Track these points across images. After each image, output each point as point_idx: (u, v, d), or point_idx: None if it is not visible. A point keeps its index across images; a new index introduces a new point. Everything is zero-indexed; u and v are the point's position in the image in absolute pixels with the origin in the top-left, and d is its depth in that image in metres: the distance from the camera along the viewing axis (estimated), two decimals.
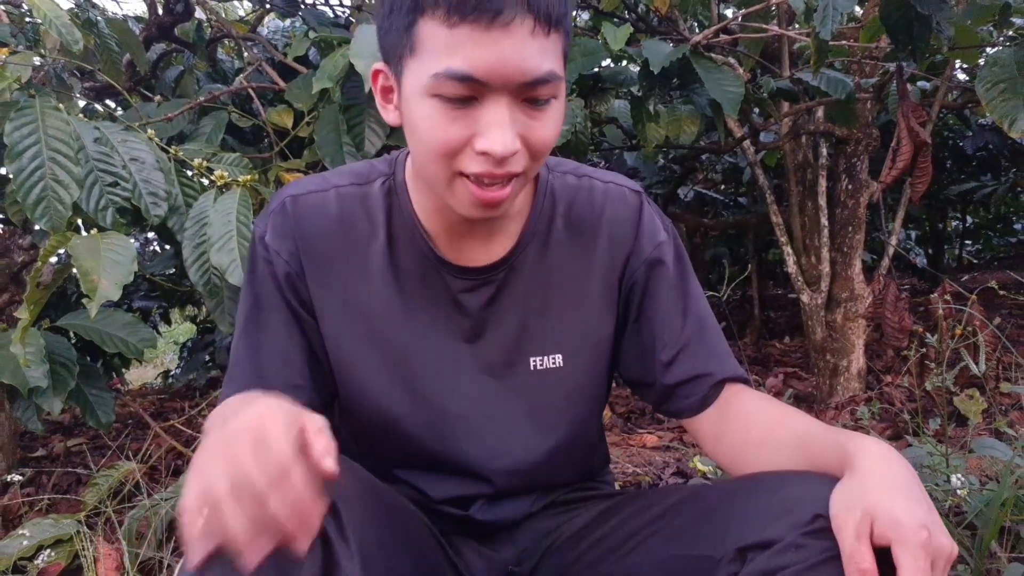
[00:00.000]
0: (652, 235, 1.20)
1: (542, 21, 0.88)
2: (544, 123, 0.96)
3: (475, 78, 0.89)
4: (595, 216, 1.19)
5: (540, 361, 1.19)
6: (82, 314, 2.13)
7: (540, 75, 0.91)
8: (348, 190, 1.16)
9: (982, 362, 2.29)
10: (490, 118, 0.92)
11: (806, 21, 2.63)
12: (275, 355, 1.15)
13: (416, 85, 0.93)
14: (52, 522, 1.97)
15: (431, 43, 0.89)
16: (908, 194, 2.99)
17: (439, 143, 0.94)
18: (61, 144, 1.78)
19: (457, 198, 1.00)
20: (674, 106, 2.69)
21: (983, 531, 1.69)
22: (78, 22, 2.15)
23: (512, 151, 0.93)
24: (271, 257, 1.14)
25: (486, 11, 0.85)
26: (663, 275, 1.19)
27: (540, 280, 1.17)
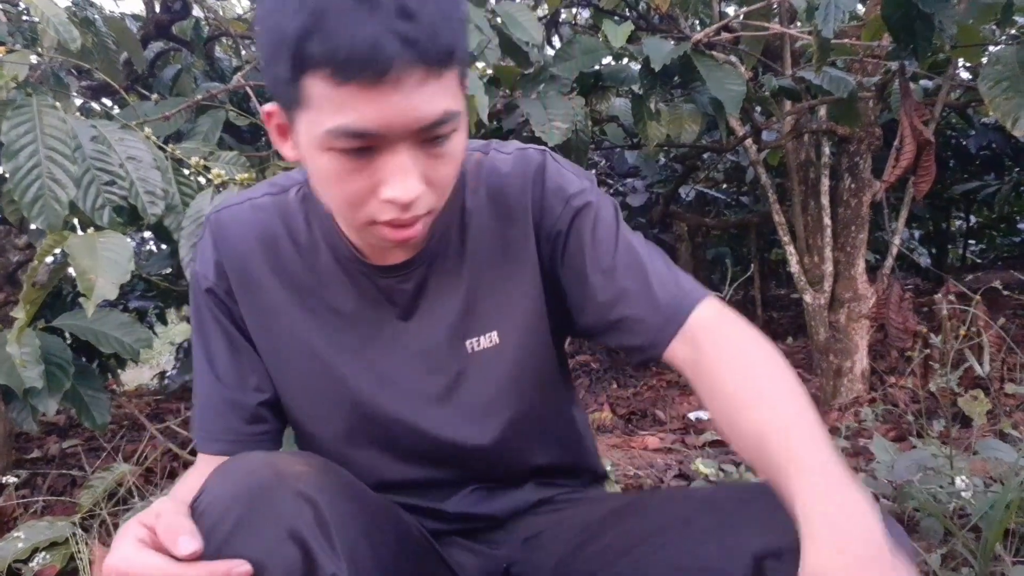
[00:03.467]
0: (560, 189, 1.14)
1: (432, 66, 0.85)
2: (446, 160, 0.94)
3: (368, 133, 0.87)
4: (504, 186, 1.16)
5: (476, 342, 1.17)
6: (78, 314, 2.12)
7: (435, 119, 0.88)
8: (263, 201, 1.17)
9: (986, 363, 2.28)
10: (391, 167, 0.90)
11: (808, 19, 2.61)
12: (233, 380, 1.18)
13: (309, 139, 0.91)
14: (47, 524, 1.96)
15: (320, 100, 0.86)
16: (911, 193, 2.98)
17: (345, 196, 0.93)
18: (58, 143, 1.78)
19: (372, 239, 1.01)
20: (675, 104, 2.67)
21: (987, 534, 1.68)
22: (75, 20, 2.14)
23: (416, 196, 0.92)
24: (200, 283, 1.16)
25: (372, 70, 0.82)
26: (580, 226, 1.12)
27: (463, 262, 1.16)
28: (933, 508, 1.82)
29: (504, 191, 1.15)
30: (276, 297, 1.15)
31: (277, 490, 0.90)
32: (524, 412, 1.22)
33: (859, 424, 2.72)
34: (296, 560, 0.86)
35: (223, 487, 0.91)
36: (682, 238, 4.73)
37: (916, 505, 1.87)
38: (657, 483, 2.39)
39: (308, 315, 1.16)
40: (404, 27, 0.82)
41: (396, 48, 0.82)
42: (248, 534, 0.86)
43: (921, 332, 2.62)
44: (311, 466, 0.98)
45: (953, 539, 1.74)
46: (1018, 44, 2.04)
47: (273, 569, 0.85)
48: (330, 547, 0.89)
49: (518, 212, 1.15)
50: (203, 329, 1.19)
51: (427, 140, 0.91)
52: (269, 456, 0.97)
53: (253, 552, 0.85)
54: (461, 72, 0.92)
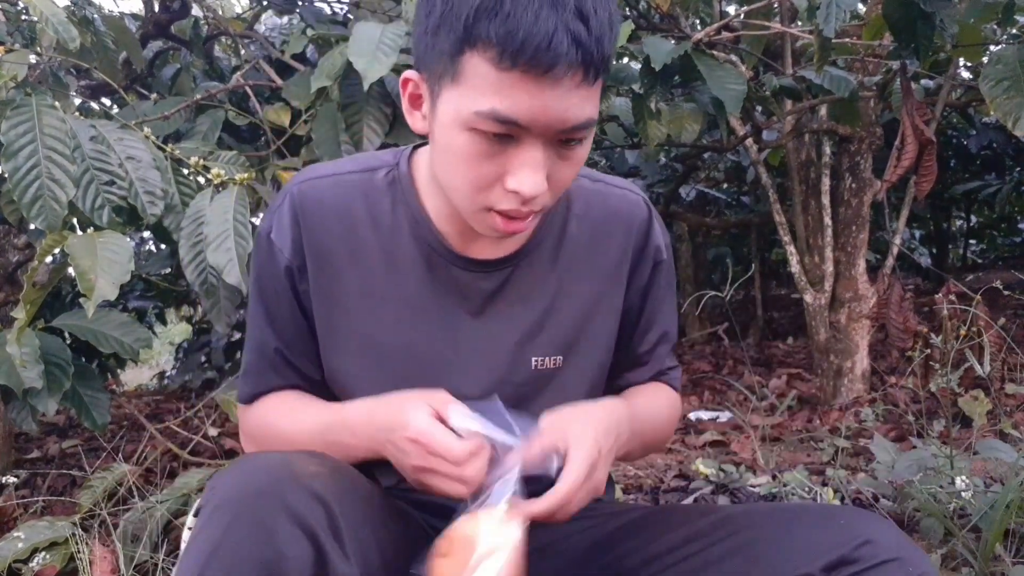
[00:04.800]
0: (659, 241, 1.22)
1: (591, 72, 0.88)
2: (572, 163, 0.97)
3: (519, 123, 0.89)
4: (609, 220, 1.19)
5: (541, 361, 1.18)
6: (77, 314, 2.12)
7: (580, 123, 0.92)
8: (350, 178, 1.15)
9: (987, 363, 2.27)
10: (524, 158, 0.92)
11: (809, 18, 2.60)
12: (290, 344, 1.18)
13: (454, 114, 0.93)
14: (47, 524, 1.95)
15: (477, 79, 0.89)
16: (912, 193, 2.98)
17: (471, 178, 0.95)
18: (57, 143, 1.78)
19: (481, 225, 1.02)
20: (676, 104, 2.67)
21: (987, 534, 1.69)
22: (74, 20, 2.13)
23: (541, 192, 0.94)
24: (275, 252, 1.14)
25: (541, 63, 0.85)
26: (660, 278, 1.24)
27: (549, 278, 1.17)
28: (933, 508, 1.82)
29: (608, 229, 1.19)
30: (347, 285, 1.14)
31: (293, 489, 0.89)
32: None
33: (860, 424, 2.72)
34: (310, 556, 0.86)
35: (241, 483, 0.90)
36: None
37: (916, 505, 1.88)
38: (657, 483, 2.39)
39: (375, 305, 1.14)
40: (578, 28, 0.85)
41: (567, 46, 0.84)
42: (265, 528, 0.85)
43: (922, 332, 2.61)
44: (325, 467, 0.98)
45: (953, 539, 1.75)
46: (1019, 43, 2.04)
47: (290, 563, 0.84)
48: (342, 549, 0.89)
49: (617, 252, 1.19)
50: (266, 294, 1.17)
51: (562, 141, 0.93)
52: (285, 455, 0.97)
53: (270, 546, 0.84)
54: (604, 83, 0.96)
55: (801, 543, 0.95)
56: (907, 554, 0.92)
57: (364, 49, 1.87)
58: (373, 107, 2.09)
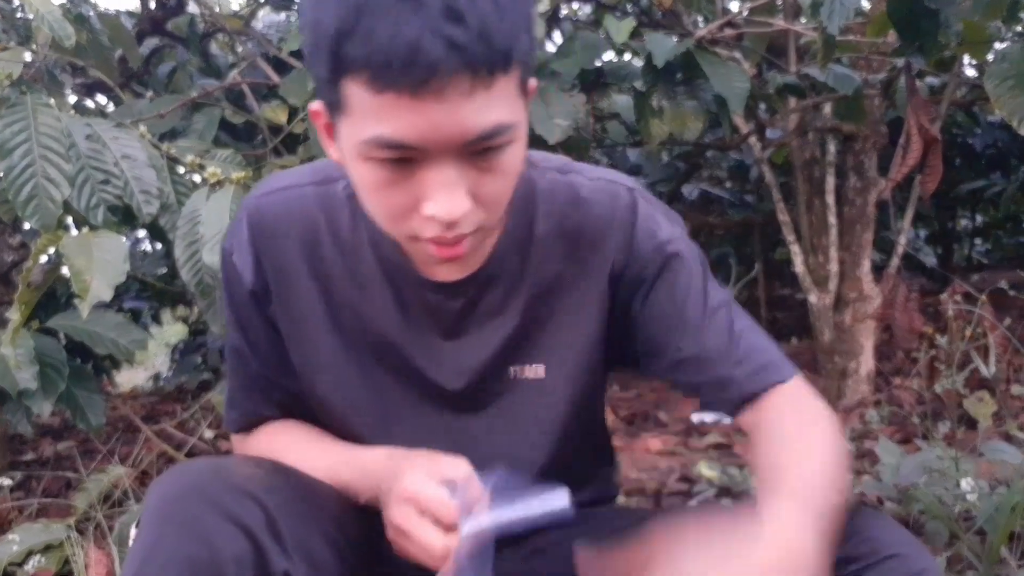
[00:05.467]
0: (651, 235, 1.08)
1: (481, 74, 0.77)
2: (498, 175, 0.87)
3: (406, 144, 0.80)
4: (580, 217, 1.08)
5: (520, 370, 1.11)
6: (72, 315, 2.11)
7: (483, 132, 0.81)
8: (308, 191, 1.09)
9: (992, 364, 2.26)
10: (434, 181, 0.83)
11: (813, 16, 2.59)
12: (272, 367, 1.15)
13: (349, 146, 0.86)
14: (42, 527, 1.95)
15: (358, 106, 0.80)
16: (917, 192, 2.96)
17: (385, 209, 0.88)
18: (52, 141, 1.79)
19: (419, 255, 0.96)
20: (678, 101, 2.65)
21: (993, 537, 1.68)
22: (70, 17, 2.12)
23: (461, 214, 0.85)
24: (238, 275, 1.09)
25: (411, 79, 0.75)
26: (671, 277, 1.08)
27: (519, 289, 1.09)
28: (938, 511, 1.81)
29: (582, 225, 1.08)
30: (313, 306, 1.09)
31: (226, 489, 0.89)
32: (560, 455, 1.17)
33: (864, 426, 2.70)
34: (247, 552, 0.86)
35: (173, 487, 0.90)
36: None
37: (921, 508, 1.86)
38: (660, 486, 2.38)
39: (342, 329, 1.10)
40: (450, 29, 0.74)
41: (440, 53, 0.74)
42: (198, 528, 0.85)
43: (927, 333, 2.60)
44: (261, 468, 0.98)
45: (958, 542, 1.74)
46: None
47: (227, 560, 0.84)
48: (280, 547, 0.89)
49: (594, 250, 1.08)
50: (240, 320, 1.13)
51: (476, 153, 0.83)
52: (218, 460, 1.00)
53: (204, 544, 0.84)
54: (523, 75, 0.85)
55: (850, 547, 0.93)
56: (907, 550, 0.92)
57: None
58: None
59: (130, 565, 0.85)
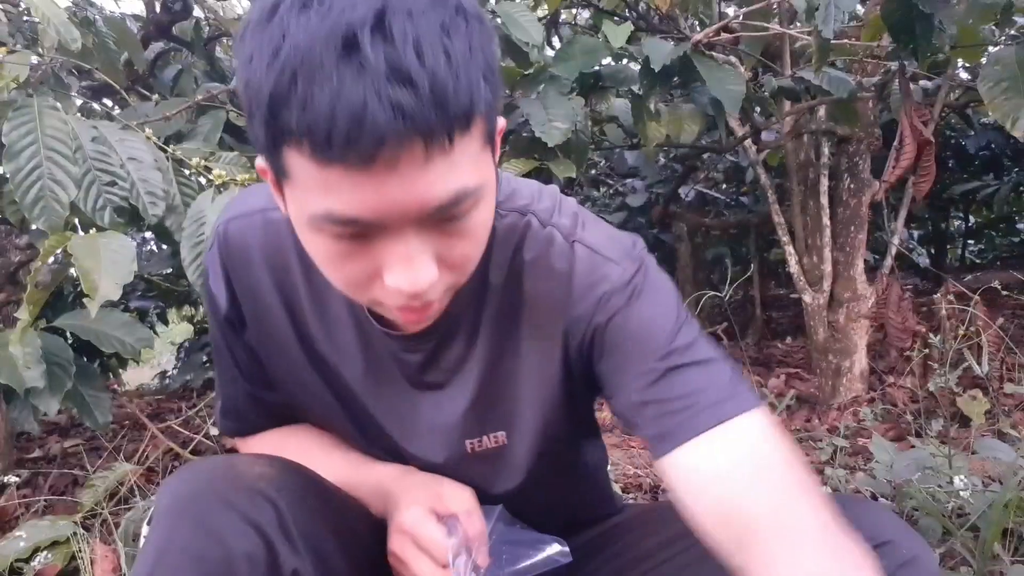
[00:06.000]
0: (593, 285, 0.96)
1: (438, 139, 0.67)
2: (466, 238, 0.78)
3: (360, 221, 0.71)
4: (524, 270, 0.98)
5: (478, 443, 1.05)
6: (79, 314, 2.12)
7: (445, 201, 0.72)
8: (275, 215, 1.00)
9: (985, 363, 2.28)
10: (394, 254, 0.74)
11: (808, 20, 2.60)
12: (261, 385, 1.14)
13: (297, 217, 0.77)
14: (49, 524, 1.96)
15: (302, 178, 0.70)
16: (910, 193, 2.98)
17: (342, 280, 0.80)
18: (59, 143, 1.78)
19: (387, 314, 0.88)
20: (675, 105, 2.68)
21: (986, 533, 1.69)
22: (76, 21, 2.14)
23: (427, 285, 0.76)
24: (219, 308, 1.06)
25: (359, 150, 0.65)
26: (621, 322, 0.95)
27: (475, 345, 1.01)
28: (932, 507, 1.82)
29: (524, 281, 0.98)
30: (286, 337, 1.05)
31: (237, 488, 0.89)
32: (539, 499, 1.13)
33: (858, 423, 2.72)
34: (259, 550, 0.86)
35: (185, 486, 0.90)
36: (682, 238, 4.73)
37: (915, 504, 1.87)
38: (657, 482, 2.39)
39: (315, 361, 1.06)
40: (398, 94, 0.64)
41: (387, 120, 0.64)
42: (211, 527, 0.85)
43: (920, 332, 2.62)
44: (273, 467, 0.97)
45: (952, 538, 1.75)
46: (1018, 44, 2.04)
47: (240, 559, 0.84)
48: (291, 545, 0.89)
49: (541, 309, 0.99)
50: (226, 340, 1.10)
51: (440, 221, 0.74)
52: (230, 458, 0.97)
53: (218, 544, 0.84)
54: (488, 124, 0.75)
55: None
56: (900, 537, 0.91)
57: None
58: None
59: (143, 563, 0.85)
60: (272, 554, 0.87)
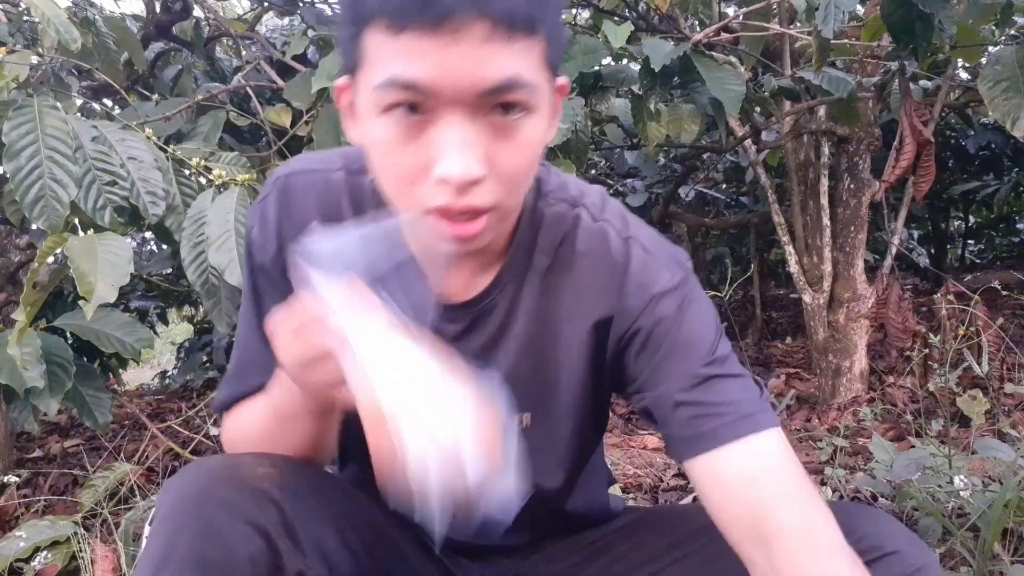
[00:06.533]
0: (642, 287, 1.00)
1: (501, 25, 0.75)
2: (517, 145, 0.82)
3: (419, 85, 0.77)
4: (575, 260, 1.02)
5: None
6: (79, 314, 2.12)
7: (499, 82, 0.77)
8: (338, 177, 1.05)
9: (985, 363, 2.28)
10: (446, 138, 0.79)
11: (808, 20, 2.61)
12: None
13: (366, 102, 0.82)
14: (49, 524, 1.96)
15: (375, 54, 0.78)
16: (910, 193, 2.98)
17: (396, 171, 0.83)
18: (59, 143, 1.79)
19: (426, 235, 0.88)
20: (675, 105, 2.67)
21: (986, 533, 1.69)
22: (76, 21, 2.14)
23: (474, 176, 0.79)
24: (256, 255, 1.06)
25: (430, 16, 0.74)
26: (665, 328, 0.99)
27: (511, 327, 1.04)
28: (932, 507, 1.82)
29: (573, 270, 1.02)
30: None
31: (239, 490, 0.89)
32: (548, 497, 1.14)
33: (858, 423, 2.72)
34: (262, 552, 0.86)
35: (186, 488, 0.90)
36: (682, 238, 4.73)
37: (915, 504, 1.88)
38: (656, 482, 2.39)
39: None
40: None
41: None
42: (213, 529, 0.85)
43: (920, 332, 2.62)
44: (276, 467, 0.96)
45: (952, 538, 1.75)
46: (1017, 44, 2.05)
47: (242, 561, 0.85)
48: (295, 546, 0.90)
49: (586, 300, 1.02)
50: (256, 291, 1.08)
51: (492, 109, 0.79)
52: (233, 458, 0.96)
53: (220, 546, 0.84)
54: (546, 54, 0.82)
55: None
56: (907, 547, 0.92)
57: None
58: None
59: (145, 567, 0.85)
60: (275, 556, 0.87)
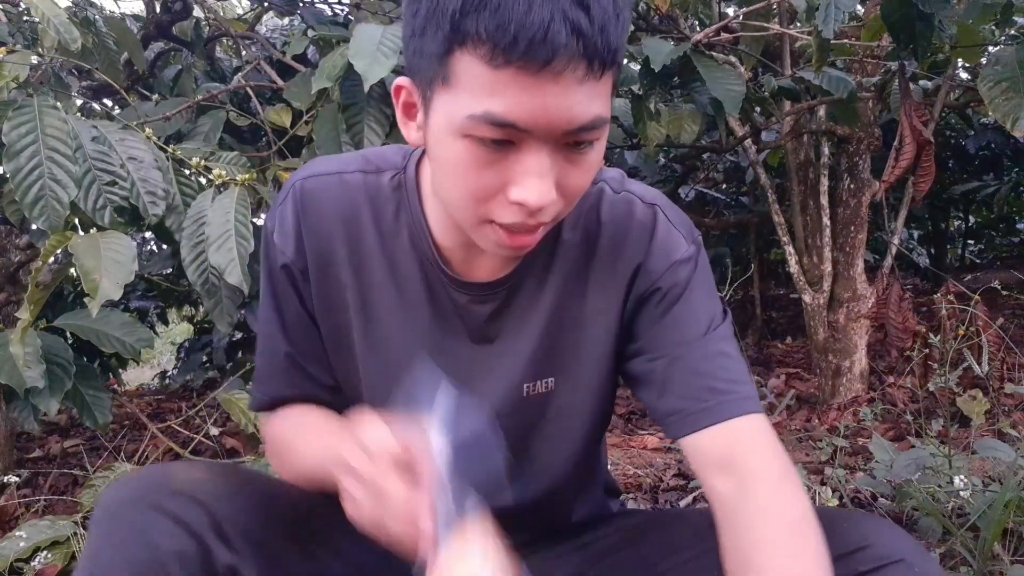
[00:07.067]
0: (666, 253, 1.06)
1: (596, 65, 0.78)
2: (583, 168, 0.87)
3: (518, 126, 0.79)
4: (601, 228, 1.07)
5: (532, 387, 1.10)
6: (79, 314, 2.12)
7: (587, 122, 0.81)
8: (354, 177, 1.08)
9: (985, 363, 2.28)
10: (528, 166, 0.82)
11: (808, 20, 2.62)
12: (301, 348, 1.13)
13: (447, 122, 0.83)
14: (49, 523, 1.96)
15: (469, 80, 0.79)
16: (910, 193, 2.98)
17: (470, 189, 0.86)
18: (59, 143, 1.79)
19: (484, 240, 0.93)
20: (675, 105, 2.68)
21: (986, 533, 1.69)
22: (76, 21, 2.14)
23: (549, 202, 0.84)
24: (277, 257, 1.08)
25: (537, 57, 0.75)
26: (677, 292, 1.06)
27: (543, 298, 1.08)
28: (932, 507, 1.83)
29: (601, 237, 1.07)
30: (349, 293, 1.08)
31: (168, 493, 0.91)
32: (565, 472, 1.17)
33: (858, 423, 2.72)
34: (190, 548, 0.88)
35: (117, 494, 0.93)
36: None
37: (915, 504, 1.88)
38: (656, 482, 2.40)
39: (377, 318, 1.09)
40: (578, 16, 0.75)
41: (566, 37, 0.75)
42: (140, 529, 0.88)
43: (920, 332, 2.62)
44: (210, 473, 0.99)
45: (952, 538, 1.75)
46: (1017, 44, 2.05)
47: (169, 559, 0.87)
48: (225, 543, 0.92)
49: (611, 264, 1.07)
50: (277, 298, 1.11)
51: (570, 144, 0.83)
52: (164, 466, 0.99)
53: (147, 545, 0.87)
54: (616, 77, 0.85)
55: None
56: (911, 556, 0.92)
57: (365, 50, 1.88)
58: (374, 108, 2.10)
59: (80, 568, 0.88)
60: (204, 552, 0.89)
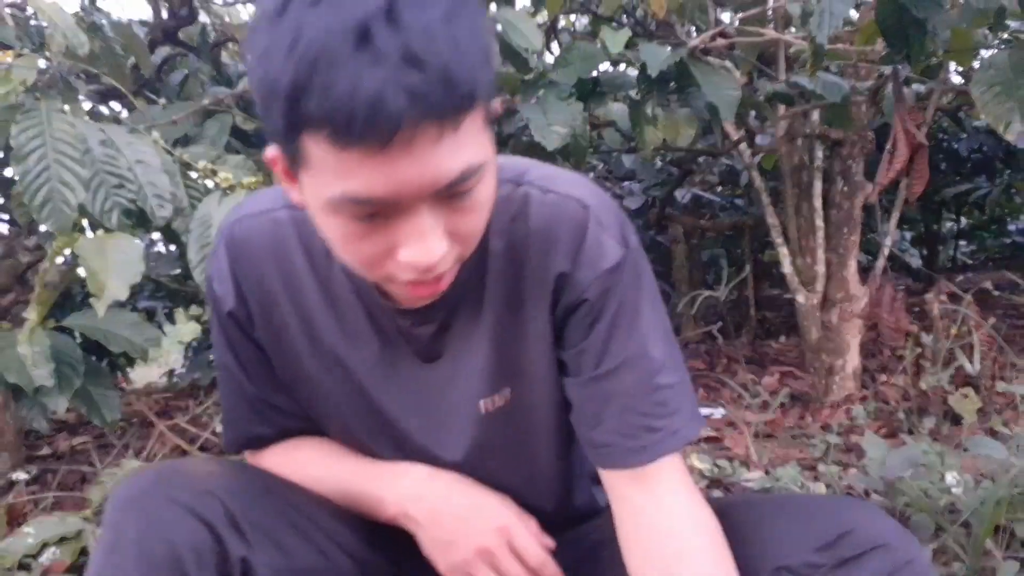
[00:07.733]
0: (594, 261, 0.99)
1: (448, 119, 0.72)
2: (471, 211, 0.82)
3: (375, 200, 0.75)
4: (529, 233, 1.01)
5: (491, 401, 1.08)
6: (87, 314, 2.14)
7: (454, 178, 0.76)
8: (281, 215, 1.05)
9: (977, 362, 2.31)
10: (409, 230, 0.79)
11: (802, 25, 2.64)
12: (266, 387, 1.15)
13: (314, 200, 0.80)
14: (57, 520, 1.96)
15: (321, 163, 0.74)
16: (903, 195, 3.01)
17: (357, 259, 0.83)
18: (67, 146, 1.79)
19: (396, 293, 0.94)
20: (672, 109, 2.70)
21: (978, 530, 1.71)
22: (83, 26, 2.16)
23: (440, 257, 0.81)
24: (222, 306, 1.09)
25: (377, 136, 0.69)
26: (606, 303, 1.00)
27: (482, 310, 1.04)
28: (924, 504, 1.85)
29: (527, 243, 1.01)
30: (294, 331, 1.08)
31: (182, 486, 0.94)
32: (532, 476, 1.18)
33: (851, 421, 2.75)
34: (206, 541, 0.91)
35: (131, 488, 0.94)
36: (678, 240, 4.76)
37: (907, 501, 1.89)
38: None
39: (324, 352, 1.08)
40: (412, 78, 0.68)
41: (403, 105, 0.69)
42: (155, 521, 0.90)
43: (913, 331, 2.65)
44: (222, 467, 1.02)
45: (944, 535, 1.77)
46: (1010, 49, 2.06)
47: (186, 550, 0.89)
48: (240, 536, 0.94)
49: (543, 272, 1.02)
50: (231, 343, 1.11)
51: (449, 196, 0.79)
52: (178, 461, 1.02)
53: (163, 537, 0.89)
54: (487, 108, 0.80)
55: (788, 532, 0.97)
56: (894, 541, 0.93)
57: None
58: None
59: (95, 560, 0.90)
60: (219, 544, 0.92)
